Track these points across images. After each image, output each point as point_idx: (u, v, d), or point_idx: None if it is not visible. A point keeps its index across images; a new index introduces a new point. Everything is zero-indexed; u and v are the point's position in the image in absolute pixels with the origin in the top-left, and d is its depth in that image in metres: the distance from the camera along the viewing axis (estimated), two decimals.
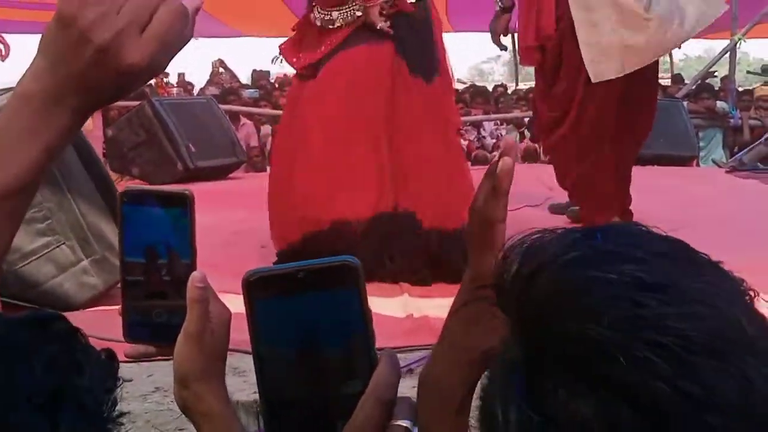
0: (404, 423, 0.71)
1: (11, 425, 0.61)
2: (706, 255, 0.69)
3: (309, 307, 0.71)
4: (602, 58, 4.36)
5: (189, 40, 0.91)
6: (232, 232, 4.85)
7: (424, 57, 4.06)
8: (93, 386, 0.68)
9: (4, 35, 7.35)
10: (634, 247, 0.66)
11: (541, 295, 0.65)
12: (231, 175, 8.18)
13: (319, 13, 4.08)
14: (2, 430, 0.61)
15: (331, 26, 4.05)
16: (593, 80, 4.34)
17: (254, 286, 0.72)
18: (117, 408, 0.70)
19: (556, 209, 5.60)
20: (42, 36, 0.86)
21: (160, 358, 1.07)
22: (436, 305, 3.32)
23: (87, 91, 0.86)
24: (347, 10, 4.00)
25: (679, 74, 14.40)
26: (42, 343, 0.67)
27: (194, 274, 0.97)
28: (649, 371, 0.58)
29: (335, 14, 4.03)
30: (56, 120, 0.86)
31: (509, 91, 14.31)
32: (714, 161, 9.83)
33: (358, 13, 3.98)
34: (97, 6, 0.83)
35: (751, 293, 0.68)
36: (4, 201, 0.86)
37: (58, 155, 0.90)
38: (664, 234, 0.70)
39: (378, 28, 3.93)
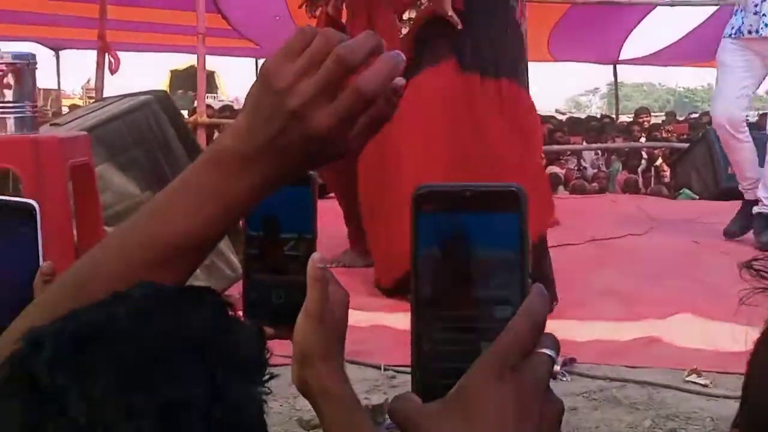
0: (549, 352, 0.69)
1: (174, 366, 0.62)
2: None
3: (470, 226, 0.71)
4: None
5: (386, 118, 0.86)
6: None
7: (495, 55, 3.93)
8: (247, 346, 0.69)
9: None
10: None
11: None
12: None
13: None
14: (165, 371, 0.62)
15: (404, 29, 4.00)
16: None
17: (421, 200, 0.72)
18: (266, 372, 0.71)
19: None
20: (248, 92, 0.84)
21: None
22: None
23: (277, 156, 0.83)
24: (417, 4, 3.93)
25: None
26: (198, 303, 0.69)
27: (314, 254, 0.98)
28: None
29: (405, 15, 3.99)
30: (242, 182, 0.83)
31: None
32: None
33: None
34: (293, 63, 0.81)
35: None
36: (167, 262, 0.84)
37: (233, 222, 0.86)
38: None
39: (449, 16, 3.81)
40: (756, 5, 5.34)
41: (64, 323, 0.65)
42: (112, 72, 7.51)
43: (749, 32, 5.38)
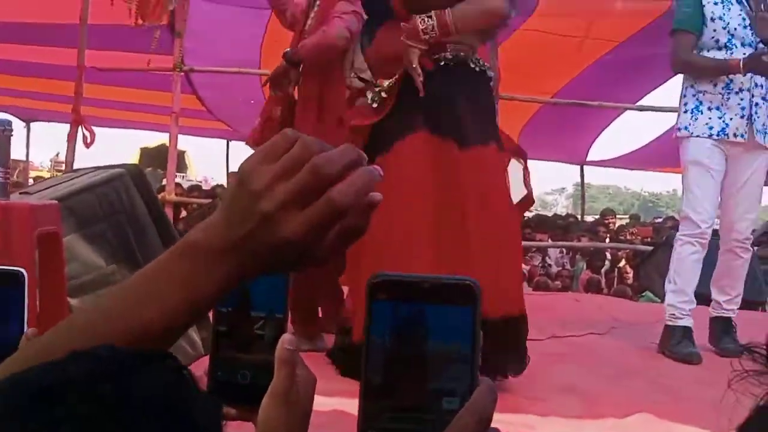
0: None
1: (129, 429, 0.62)
2: None
3: (423, 316, 0.72)
4: None
5: (359, 232, 0.86)
6: None
7: (465, 123, 3.97)
8: (203, 413, 0.69)
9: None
10: None
11: None
12: None
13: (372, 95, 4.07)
14: None
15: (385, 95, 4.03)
16: None
17: (376, 288, 0.73)
18: None
19: None
20: (227, 187, 0.87)
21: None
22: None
23: (246, 255, 0.84)
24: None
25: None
26: (156, 367, 0.69)
27: (284, 336, 0.98)
28: None
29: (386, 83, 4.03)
30: (209, 276, 0.84)
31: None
32: None
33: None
34: (271, 166, 0.83)
35: None
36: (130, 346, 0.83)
37: (198, 314, 0.87)
38: None
39: (413, 67, 3.81)
40: (743, 108, 5.14)
41: (20, 377, 0.65)
42: (87, 146, 7.54)
43: (735, 135, 5.16)
